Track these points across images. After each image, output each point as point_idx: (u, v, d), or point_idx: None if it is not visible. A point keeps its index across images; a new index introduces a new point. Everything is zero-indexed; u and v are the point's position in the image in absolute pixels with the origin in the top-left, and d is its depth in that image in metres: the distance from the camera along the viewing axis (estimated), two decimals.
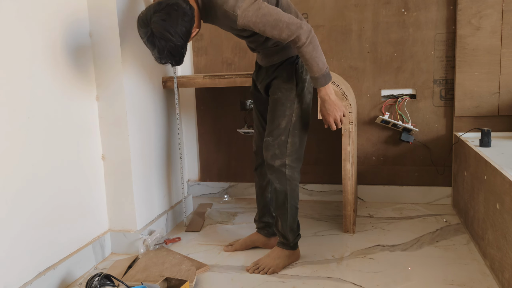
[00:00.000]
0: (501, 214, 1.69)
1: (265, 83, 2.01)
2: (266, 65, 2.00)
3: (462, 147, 2.41)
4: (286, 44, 1.88)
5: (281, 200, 1.98)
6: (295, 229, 2.04)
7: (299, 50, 1.76)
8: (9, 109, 1.66)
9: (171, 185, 2.63)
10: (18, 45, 1.71)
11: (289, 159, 1.93)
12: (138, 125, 2.26)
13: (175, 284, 1.81)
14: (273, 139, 1.92)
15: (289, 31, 1.71)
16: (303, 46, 1.73)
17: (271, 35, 1.73)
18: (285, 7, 1.87)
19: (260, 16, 1.69)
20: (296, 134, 1.93)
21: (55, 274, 1.87)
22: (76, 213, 2.03)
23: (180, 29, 1.69)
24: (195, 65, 2.98)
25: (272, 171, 1.95)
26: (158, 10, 1.68)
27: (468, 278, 1.84)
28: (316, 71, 1.78)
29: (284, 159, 1.92)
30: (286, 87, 1.92)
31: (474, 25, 2.49)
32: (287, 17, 1.72)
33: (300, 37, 1.72)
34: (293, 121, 1.92)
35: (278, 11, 1.72)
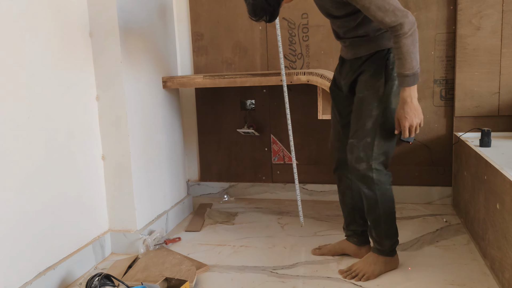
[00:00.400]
0: (501, 214, 1.69)
1: (350, 79, 1.86)
2: (351, 57, 1.85)
3: (462, 147, 2.41)
4: (376, 35, 1.76)
5: (372, 205, 1.85)
6: (392, 235, 1.90)
7: (398, 40, 1.62)
8: (9, 109, 1.66)
9: (171, 185, 2.63)
10: (18, 45, 1.71)
11: (376, 162, 1.79)
12: (138, 125, 2.26)
13: (175, 284, 1.81)
14: (358, 141, 1.80)
15: (394, 16, 1.58)
16: (403, 36, 1.60)
17: (374, 16, 1.60)
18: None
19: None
20: (383, 136, 1.79)
21: (55, 274, 1.87)
22: (76, 213, 2.03)
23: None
24: (195, 65, 2.98)
25: (358, 176, 1.82)
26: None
27: (468, 278, 1.84)
28: (408, 68, 1.63)
29: (370, 162, 1.79)
30: (374, 84, 1.76)
31: (475, 25, 2.49)
32: (395, 2, 1.60)
33: (403, 26, 1.58)
34: (380, 121, 1.77)
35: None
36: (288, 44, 2.81)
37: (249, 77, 2.36)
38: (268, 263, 2.07)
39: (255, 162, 3.02)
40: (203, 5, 2.90)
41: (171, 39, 2.74)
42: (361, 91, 1.81)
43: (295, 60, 2.81)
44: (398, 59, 1.65)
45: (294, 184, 2.96)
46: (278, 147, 2.96)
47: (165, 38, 2.64)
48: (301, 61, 2.81)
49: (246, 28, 2.86)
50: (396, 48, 1.65)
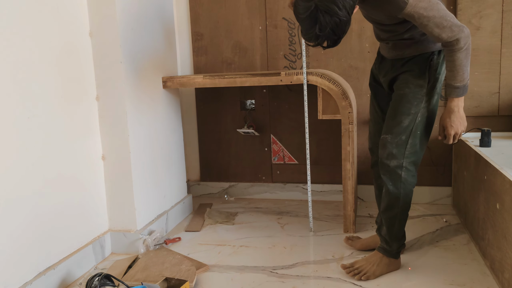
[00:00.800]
0: (501, 214, 1.69)
1: (391, 77, 1.86)
2: (393, 57, 1.85)
3: (462, 147, 2.41)
4: (421, 39, 1.76)
5: (392, 203, 1.84)
6: (401, 237, 1.90)
7: (452, 54, 1.64)
8: (9, 109, 1.66)
9: (171, 185, 2.63)
10: (18, 45, 1.71)
11: (407, 161, 1.79)
12: (138, 125, 2.26)
13: (175, 284, 1.81)
14: (392, 137, 1.79)
15: (451, 32, 1.59)
16: (459, 51, 1.62)
17: (430, 32, 1.61)
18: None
19: (429, 9, 1.56)
20: (418, 135, 1.79)
21: (55, 274, 1.87)
22: (76, 213, 2.03)
23: (347, 2, 1.49)
24: (195, 65, 2.98)
25: (386, 171, 1.82)
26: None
27: (468, 278, 1.84)
28: (459, 80, 1.66)
29: (402, 160, 1.79)
30: (416, 83, 1.77)
31: (474, 25, 2.49)
32: (452, 17, 1.60)
33: (459, 41, 1.60)
34: (417, 121, 1.78)
35: (444, 8, 1.60)
36: (288, 44, 2.81)
37: (249, 77, 2.36)
38: (268, 263, 2.07)
39: (255, 162, 3.02)
40: (203, 5, 2.90)
41: (171, 39, 2.74)
42: (402, 88, 1.80)
43: (295, 60, 2.81)
44: (450, 71, 1.66)
45: (293, 184, 2.96)
46: (278, 147, 2.96)
47: (165, 38, 2.64)
48: (301, 61, 2.80)
49: (246, 28, 2.86)
50: (449, 61, 1.66)
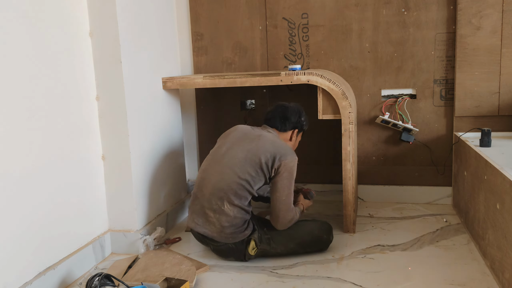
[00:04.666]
0: (501, 214, 1.69)
1: None
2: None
3: (462, 147, 2.41)
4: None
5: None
6: None
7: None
8: (9, 109, 1.66)
9: (171, 185, 2.62)
10: (18, 45, 1.71)
11: None
12: (138, 125, 2.26)
13: (175, 284, 1.81)
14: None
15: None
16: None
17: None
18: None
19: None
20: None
21: (55, 274, 1.87)
22: (76, 213, 2.03)
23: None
24: (195, 65, 2.98)
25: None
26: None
27: (468, 278, 1.84)
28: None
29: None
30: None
31: (475, 25, 2.49)
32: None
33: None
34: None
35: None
36: (288, 44, 2.81)
37: (249, 77, 2.36)
38: (268, 263, 2.06)
39: None
40: (203, 5, 2.90)
41: (171, 39, 2.74)
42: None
43: (295, 60, 2.81)
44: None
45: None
46: None
47: (165, 38, 2.64)
48: (301, 61, 2.81)
49: (246, 28, 2.86)
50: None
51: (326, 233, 2.12)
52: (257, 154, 2.01)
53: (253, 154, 2.01)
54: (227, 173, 2.01)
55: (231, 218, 1.98)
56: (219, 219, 1.99)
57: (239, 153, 2.04)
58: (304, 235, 2.08)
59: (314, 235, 2.09)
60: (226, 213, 1.98)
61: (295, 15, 2.78)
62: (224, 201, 1.98)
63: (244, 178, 1.99)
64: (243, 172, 2.00)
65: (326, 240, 2.12)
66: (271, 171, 2.01)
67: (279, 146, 2.05)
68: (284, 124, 2.19)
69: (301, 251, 2.10)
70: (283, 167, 1.99)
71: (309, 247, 2.10)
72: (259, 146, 2.03)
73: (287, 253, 2.09)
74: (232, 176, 1.99)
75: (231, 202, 1.98)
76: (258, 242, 2.04)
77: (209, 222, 2.02)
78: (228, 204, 1.98)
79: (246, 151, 2.03)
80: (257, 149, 2.02)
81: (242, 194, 1.99)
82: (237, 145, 2.07)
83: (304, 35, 2.78)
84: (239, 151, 2.04)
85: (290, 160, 2.01)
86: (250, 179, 2.00)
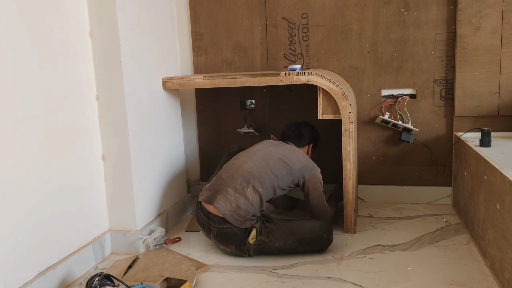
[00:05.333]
0: (501, 214, 1.69)
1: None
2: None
3: (462, 147, 2.41)
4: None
5: None
6: None
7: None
8: (9, 109, 1.66)
9: (171, 185, 2.62)
10: (18, 45, 1.71)
11: None
12: (138, 125, 2.26)
13: (175, 284, 1.81)
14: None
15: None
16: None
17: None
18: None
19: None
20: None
21: (55, 274, 1.87)
22: (76, 213, 2.03)
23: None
24: (195, 65, 2.98)
25: None
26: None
27: (468, 278, 1.84)
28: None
29: None
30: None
31: (475, 25, 2.49)
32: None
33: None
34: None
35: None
36: (288, 44, 2.81)
37: (249, 77, 2.36)
38: (268, 263, 2.07)
39: None
40: (203, 5, 2.90)
41: (171, 39, 2.74)
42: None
43: (295, 60, 2.81)
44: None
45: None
46: None
47: (165, 38, 2.64)
48: (301, 61, 2.81)
49: (246, 28, 2.86)
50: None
51: (326, 232, 2.12)
52: (292, 160, 2.20)
53: (288, 159, 2.20)
54: (261, 162, 2.16)
55: (249, 203, 2.05)
56: (238, 198, 2.05)
57: (275, 153, 2.22)
58: (304, 232, 2.10)
59: (315, 233, 2.10)
60: (246, 196, 2.05)
61: (295, 15, 2.78)
62: (250, 185, 2.07)
63: (275, 174, 2.14)
64: (276, 168, 2.16)
65: (326, 240, 2.12)
66: (300, 180, 2.21)
67: (308, 160, 2.27)
68: (300, 140, 2.42)
69: (300, 249, 2.10)
70: (314, 178, 2.23)
71: (309, 245, 2.10)
72: (292, 155, 2.23)
73: (285, 248, 2.09)
74: (265, 167, 2.14)
75: (255, 188, 2.07)
76: (258, 233, 2.06)
77: (226, 199, 2.07)
78: (252, 189, 2.07)
79: (281, 154, 2.22)
80: (291, 156, 2.22)
81: (269, 184, 2.12)
82: (272, 148, 2.26)
83: (304, 35, 2.78)
84: (275, 152, 2.23)
85: (317, 172, 2.25)
86: (280, 176, 2.15)
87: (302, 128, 2.45)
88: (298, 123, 2.48)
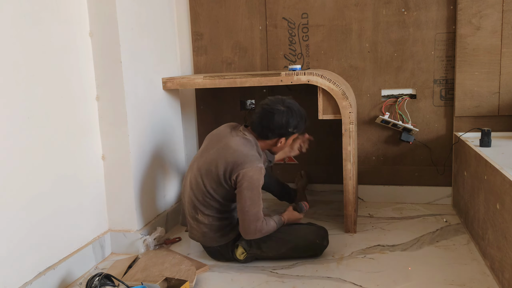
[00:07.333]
0: (501, 214, 1.69)
1: None
2: None
3: (462, 147, 2.41)
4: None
5: None
6: None
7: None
8: (9, 109, 1.66)
9: (171, 185, 2.62)
10: (18, 45, 1.71)
11: None
12: (138, 125, 2.26)
13: (175, 284, 1.81)
14: None
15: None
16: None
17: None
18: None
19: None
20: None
21: (55, 274, 1.87)
22: (76, 213, 2.03)
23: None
24: (195, 65, 2.98)
25: None
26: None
27: (468, 278, 1.84)
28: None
29: None
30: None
31: (475, 25, 2.49)
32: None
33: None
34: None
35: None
36: (288, 44, 2.81)
37: (249, 77, 2.36)
38: (268, 263, 2.06)
39: None
40: (203, 5, 2.90)
41: (171, 39, 2.74)
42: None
43: (295, 60, 2.81)
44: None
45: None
46: None
47: (165, 38, 2.64)
48: (301, 61, 2.80)
49: (246, 28, 2.86)
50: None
51: (320, 238, 2.06)
52: (217, 166, 1.92)
53: (214, 166, 1.93)
54: (196, 183, 2.00)
55: (209, 225, 2.02)
56: (199, 225, 2.03)
57: (204, 164, 1.98)
58: (297, 240, 2.03)
59: (308, 240, 2.05)
60: (202, 221, 2.02)
61: (295, 15, 2.78)
62: (198, 211, 2.01)
63: (208, 191, 1.96)
64: (206, 184, 1.96)
65: (320, 246, 2.07)
66: (231, 182, 1.91)
67: (239, 155, 1.90)
68: (265, 135, 1.99)
69: (295, 255, 2.07)
70: (242, 177, 1.86)
71: (303, 252, 2.07)
72: (219, 157, 1.93)
73: (279, 257, 2.06)
74: (200, 187, 1.98)
75: (203, 212, 2.00)
76: (248, 247, 2.02)
77: (192, 228, 2.08)
78: (201, 214, 2.01)
79: (208, 163, 1.96)
80: (217, 160, 1.93)
81: (211, 204, 1.98)
82: (205, 154, 2.01)
83: (304, 35, 2.78)
84: (203, 163, 1.98)
85: (249, 169, 1.86)
86: (212, 191, 1.96)
87: (273, 122, 1.95)
88: (272, 112, 1.95)
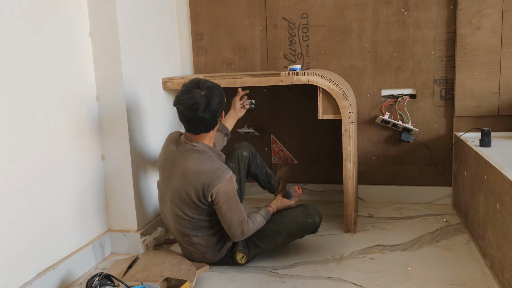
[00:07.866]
0: (501, 214, 1.69)
1: None
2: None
3: (462, 147, 2.41)
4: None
5: None
6: None
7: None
8: (9, 109, 1.66)
9: None
10: (18, 45, 1.71)
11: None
12: (138, 125, 2.26)
13: (175, 284, 1.81)
14: None
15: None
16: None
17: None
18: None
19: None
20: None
21: (55, 274, 1.87)
22: (76, 213, 2.03)
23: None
24: (195, 65, 2.98)
25: None
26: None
27: (468, 278, 1.84)
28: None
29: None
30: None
31: (474, 25, 2.49)
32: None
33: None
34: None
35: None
36: (288, 44, 2.81)
37: (249, 77, 2.36)
38: (268, 263, 2.07)
39: None
40: (203, 5, 2.90)
41: (171, 39, 2.74)
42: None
43: (295, 60, 2.81)
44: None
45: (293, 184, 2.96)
46: (278, 147, 2.96)
47: (165, 38, 2.64)
48: (301, 61, 2.80)
49: (246, 28, 2.86)
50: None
51: (310, 217, 2.03)
52: (188, 193, 1.88)
53: (185, 194, 1.89)
54: (176, 216, 1.96)
55: (205, 244, 1.99)
56: (195, 248, 2.00)
57: (174, 195, 1.93)
58: (289, 227, 2.02)
59: (299, 223, 2.02)
60: (198, 243, 1.98)
61: (295, 15, 2.78)
62: (190, 236, 1.98)
63: (192, 218, 1.93)
64: (188, 213, 1.92)
65: (313, 223, 2.03)
66: (207, 201, 1.88)
67: (204, 175, 1.85)
68: (208, 129, 1.92)
69: (292, 240, 2.07)
70: (216, 196, 1.85)
71: (299, 235, 2.06)
72: (185, 184, 1.88)
73: (277, 246, 2.06)
74: (183, 217, 1.94)
75: (196, 236, 1.97)
76: (246, 250, 2.02)
77: (189, 252, 2.05)
78: (195, 238, 1.97)
79: (178, 192, 1.91)
80: (185, 188, 1.88)
81: (201, 225, 1.95)
82: (169, 185, 1.96)
83: (304, 35, 2.78)
84: (172, 195, 1.94)
85: (220, 185, 1.84)
86: (197, 216, 1.93)
87: (203, 118, 1.87)
88: (195, 109, 1.84)
